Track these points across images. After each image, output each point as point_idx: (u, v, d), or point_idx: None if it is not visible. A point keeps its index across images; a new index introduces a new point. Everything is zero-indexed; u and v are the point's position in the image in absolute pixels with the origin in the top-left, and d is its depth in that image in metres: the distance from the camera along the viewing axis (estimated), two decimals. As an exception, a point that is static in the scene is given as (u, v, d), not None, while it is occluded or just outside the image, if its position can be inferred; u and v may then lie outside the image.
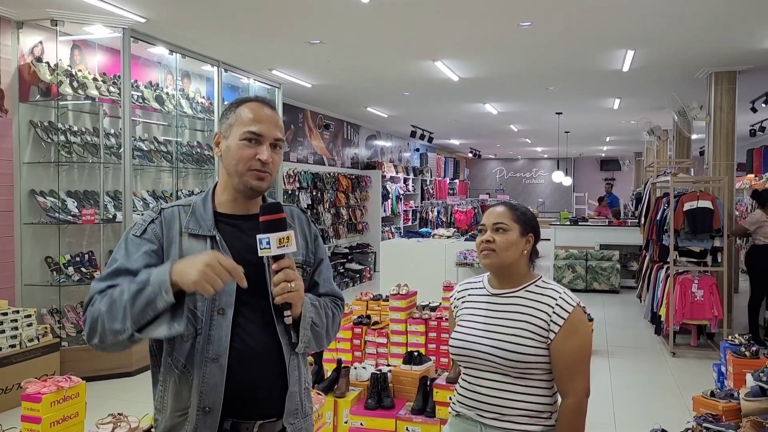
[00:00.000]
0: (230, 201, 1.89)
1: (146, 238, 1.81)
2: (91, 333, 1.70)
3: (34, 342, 5.54)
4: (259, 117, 1.85)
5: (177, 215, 1.85)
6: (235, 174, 1.85)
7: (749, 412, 3.61)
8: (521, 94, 10.72)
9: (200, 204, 1.88)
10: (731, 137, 8.03)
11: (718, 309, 6.96)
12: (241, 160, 1.83)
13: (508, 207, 2.31)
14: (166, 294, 1.62)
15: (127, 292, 1.65)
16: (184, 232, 1.83)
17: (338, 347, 5.19)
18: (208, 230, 1.83)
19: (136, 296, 1.64)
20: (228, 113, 1.89)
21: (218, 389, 1.76)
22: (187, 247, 1.81)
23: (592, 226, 12.97)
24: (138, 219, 1.87)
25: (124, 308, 1.64)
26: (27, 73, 6.07)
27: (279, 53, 7.73)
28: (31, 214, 6.08)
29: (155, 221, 1.83)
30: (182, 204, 1.89)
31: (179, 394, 1.79)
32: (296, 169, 11.05)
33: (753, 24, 6.35)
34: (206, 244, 1.82)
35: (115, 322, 1.65)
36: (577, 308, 2.18)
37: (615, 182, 24.90)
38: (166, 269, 1.65)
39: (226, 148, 1.86)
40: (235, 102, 1.91)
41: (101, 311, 1.67)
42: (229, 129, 1.87)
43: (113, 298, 1.67)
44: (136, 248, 1.80)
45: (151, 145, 7.20)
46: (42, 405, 3.48)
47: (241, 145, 1.83)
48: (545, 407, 2.18)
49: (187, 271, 1.62)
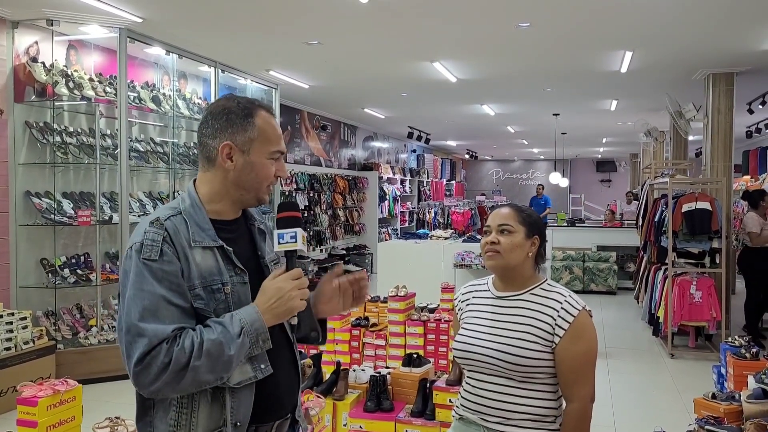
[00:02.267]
0: (224, 210, 1.81)
1: (166, 259, 1.65)
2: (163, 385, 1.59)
3: (30, 345, 5.50)
4: (279, 133, 1.82)
5: (178, 227, 1.71)
6: (253, 190, 1.79)
7: (752, 415, 3.59)
8: (519, 95, 10.71)
9: (192, 212, 1.75)
10: (729, 139, 8.02)
11: (716, 310, 6.95)
12: (265, 178, 1.79)
13: (513, 208, 2.28)
14: (264, 343, 1.68)
15: (231, 347, 1.62)
16: (193, 246, 1.71)
17: (336, 349, 5.16)
18: (213, 240, 1.74)
19: (239, 352, 1.64)
20: (242, 123, 1.75)
21: (248, 403, 1.73)
22: (199, 261, 1.71)
23: (589, 227, 12.98)
24: (141, 239, 1.68)
25: (227, 362, 1.63)
26: (22, 74, 6.03)
27: (276, 54, 7.70)
28: (26, 215, 6.04)
29: (166, 239, 1.67)
30: (173, 214, 1.74)
31: (212, 414, 1.70)
32: (293, 171, 11.01)
33: (750, 25, 6.34)
34: (215, 255, 1.74)
35: (209, 374, 1.62)
36: (582, 312, 2.15)
37: (611, 183, 24.99)
38: (255, 316, 1.67)
39: (246, 163, 1.76)
40: (240, 108, 1.77)
41: (195, 366, 1.58)
42: (249, 143, 1.75)
43: (210, 352, 1.60)
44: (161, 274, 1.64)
45: (147, 146, 7.15)
46: (38, 409, 3.45)
47: (267, 164, 1.78)
48: (550, 411, 2.15)
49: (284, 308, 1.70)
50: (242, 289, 1.75)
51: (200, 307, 1.68)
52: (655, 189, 9.30)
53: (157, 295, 1.62)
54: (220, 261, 1.74)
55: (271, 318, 1.69)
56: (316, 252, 11.70)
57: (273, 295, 1.69)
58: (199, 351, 1.58)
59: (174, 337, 1.60)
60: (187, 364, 1.57)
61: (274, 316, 1.69)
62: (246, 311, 1.67)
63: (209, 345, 1.59)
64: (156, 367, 1.56)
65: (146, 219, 1.73)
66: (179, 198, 1.81)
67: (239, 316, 1.65)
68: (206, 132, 1.78)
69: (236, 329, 1.63)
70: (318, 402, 3.88)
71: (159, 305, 1.62)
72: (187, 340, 1.59)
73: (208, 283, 1.70)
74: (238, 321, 1.64)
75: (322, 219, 11.98)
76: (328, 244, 12.23)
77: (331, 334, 5.20)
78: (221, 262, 1.74)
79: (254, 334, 1.64)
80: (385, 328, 5.28)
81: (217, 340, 1.60)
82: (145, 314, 1.60)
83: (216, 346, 1.60)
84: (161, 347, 1.57)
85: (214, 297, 1.70)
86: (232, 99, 1.80)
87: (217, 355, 1.60)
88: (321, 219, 11.92)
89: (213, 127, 1.77)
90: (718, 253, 7.23)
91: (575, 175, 25.54)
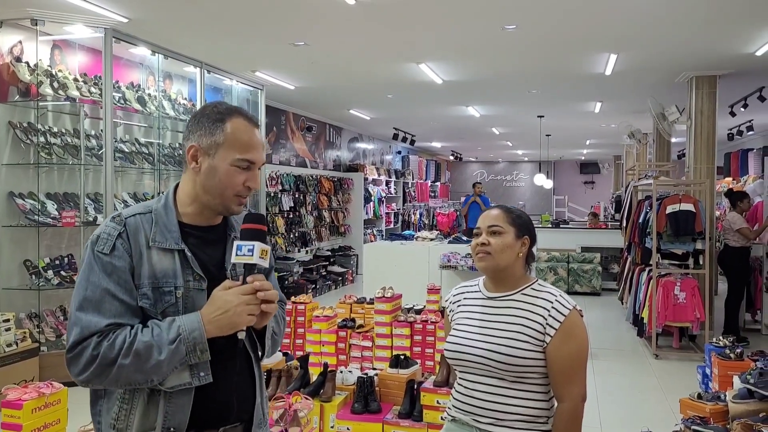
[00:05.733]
0: (196, 214, 1.80)
1: (117, 254, 1.67)
2: (91, 377, 1.61)
3: (13, 347, 5.44)
4: (253, 142, 1.77)
5: (141, 225, 1.72)
6: (218, 197, 1.76)
7: (737, 415, 3.62)
8: (504, 97, 10.75)
9: (162, 212, 1.76)
10: (712, 141, 8.09)
11: (700, 311, 7.01)
12: (229, 186, 1.75)
13: (503, 210, 2.29)
14: (201, 353, 1.65)
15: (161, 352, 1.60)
16: (151, 246, 1.71)
17: (323, 351, 5.15)
18: (176, 243, 1.73)
19: (171, 358, 1.61)
20: (211, 126, 1.74)
21: (186, 409, 1.70)
22: (155, 261, 1.71)
23: (573, 228, 13.05)
24: (99, 232, 1.71)
25: (155, 365, 1.61)
26: (6, 73, 5.97)
27: (263, 55, 7.68)
28: (9, 216, 5.97)
29: (122, 235, 1.69)
30: (142, 212, 1.76)
31: (146, 414, 1.69)
32: (278, 172, 10.98)
33: (733, 29, 6.41)
34: (174, 257, 1.73)
35: (137, 374, 1.61)
36: (573, 312, 2.16)
37: (594, 185, 25.14)
38: (196, 325, 1.64)
39: (210, 167, 1.74)
40: (215, 112, 1.77)
41: (122, 364, 1.59)
42: (214, 147, 1.73)
43: (139, 353, 1.59)
44: (111, 268, 1.66)
45: (132, 147, 7.10)
46: (23, 412, 3.42)
47: (232, 170, 1.74)
48: (542, 412, 2.16)
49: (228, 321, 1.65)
50: (198, 295, 1.73)
51: (145, 306, 1.68)
52: (639, 191, 9.37)
53: (102, 287, 1.64)
54: (178, 264, 1.73)
55: (214, 329, 1.65)
56: (301, 253, 11.67)
57: (219, 306, 1.66)
58: (128, 350, 1.59)
59: (108, 332, 1.61)
60: (114, 360, 1.58)
61: (216, 328, 1.66)
62: (188, 319, 1.66)
63: (139, 346, 1.59)
64: (84, 358, 1.59)
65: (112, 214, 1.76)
66: (158, 197, 1.83)
67: (179, 323, 1.64)
68: (185, 134, 1.81)
69: (172, 335, 1.62)
70: (306, 404, 3.87)
71: (103, 298, 1.64)
72: (119, 338, 1.60)
73: (159, 284, 1.70)
74: (176, 327, 1.63)
75: (308, 220, 11.96)
76: (313, 246, 12.20)
77: (318, 335, 5.20)
78: (179, 265, 1.73)
79: (191, 343, 1.63)
80: (371, 329, 5.27)
81: (149, 343, 1.60)
82: (84, 304, 1.64)
83: (146, 348, 1.60)
84: (91, 340, 1.60)
85: (163, 299, 1.70)
86: (213, 105, 1.81)
87: (146, 357, 1.60)
88: (306, 220, 11.90)
89: (188, 128, 1.79)
90: (702, 255, 7.30)
91: (559, 177, 25.68)
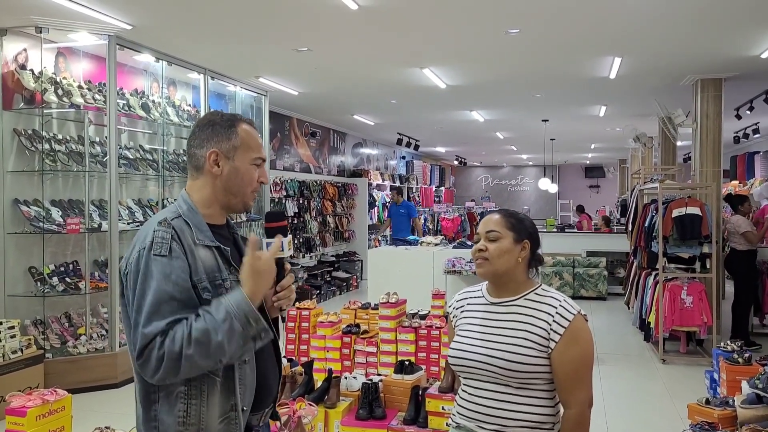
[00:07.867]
0: (215, 214, 1.97)
1: (174, 255, 1.79)
2: (165, 374, 1.69)
3: (18, 354, 5.43)
4: (259, 142, 2.01)
5: (182, 226, 1.86)
6: (240, 194, 1.96)
7: (746, 420, 3.58)
8: (508, 101, 10.73)
9: (191, 215, 1.90)
10: (718, 144, 8.06)
11: (707, 315, 6.96)
12: (249, 183, 1.95)
13: (502, 214, 2.28)
14: (256, 323, 1.75)
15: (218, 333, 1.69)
16: (198, 244, 1.85)
17: (327, 357, 5.12)
18: (212, 241, 1.89)
19: (230, 336, 1.71)
20: (226, 132, 1.93)
21: (252, 389, 1.90)
22: (203, 258, 1.85)
23: (579, 233, 13.01)
24: (151, 238, 1.80)
25: (218, 347, 1.70)
26: (11, 81, 5.99)
27: (266, 61, 7.68)
28: (14, 223, 5.98)
29: (174, 237, 1.81)
30: (176, 216, 1.89)
31: (223, 400, 1.83)
32: (282, 177, 10.98)
33: (738, 32, 6.39)
34: (213, 254, 1.88)
35: (206, 359, 1.70)
36: (578, 316, 2.14)
37: (600, 189, 25.08)
38: (241, 298, 1.74)
39: (233, 169, 1.93)
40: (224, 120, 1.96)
41: (188, 354, 1.67)
42: (233, 150, 1.93)
43: (199, 340, 1.68)
44: (169, 269, 1.77)
45: (136, 153, 7.11)
46: (27, 419, 3.41)
47: (251, 169, 1.95)
48: (548, 418, 2.13)
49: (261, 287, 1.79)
50: (237, 286, 1.84)
51: (208, 299, 1.79)
52: (645, 194, 9.33)
53: (161, 290, 1.73)
54: (219, 259, 1.89)
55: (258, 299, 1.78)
56: (305, 259, 11.66)
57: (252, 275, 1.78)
58: (188, 341, 1.67)
59: (167, 330, 1.69)
60: (179, 354, 1.67)
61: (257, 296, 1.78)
62: (233, 296, 1.76)
63: (197, 334, 1.68)
64: (153, 360, 1.68)
65: (152, 221, 1.86)
66: (175, 204, 1.95)
67: (225, 302, 1.74)
68: (194, 143, 1.95)
69: (221, 315, 1.71)
70: (310, 410, 3.85)
71: (161, 301, 1.72)
72: (177, 333, 1.69)
73: (212, 278, 1.84)
74: (223, 307, 1.72)
75: (312, 226, 11.95)
76: (317, 251, 12.19)
77: (322, 341, 5.18)
78: (219, 260, 1.89)
79: (243, 316, 1.72)
80: (376, 335, 5.24)
81: (204, 328, 1.69)
82: (149, 311, 1.72)
83: (203, 334, 1.68)
84: (155, 341, 1.68)
85: (217, 291, 1.82)
86: (216, 114, 1.99)
87: (206, 342, 1.68)
88: (310, 226, 11.89)
89: (200, 138, 1.94)
90: (709, 258, 7.26)
91: (564, 181, 25.64)
